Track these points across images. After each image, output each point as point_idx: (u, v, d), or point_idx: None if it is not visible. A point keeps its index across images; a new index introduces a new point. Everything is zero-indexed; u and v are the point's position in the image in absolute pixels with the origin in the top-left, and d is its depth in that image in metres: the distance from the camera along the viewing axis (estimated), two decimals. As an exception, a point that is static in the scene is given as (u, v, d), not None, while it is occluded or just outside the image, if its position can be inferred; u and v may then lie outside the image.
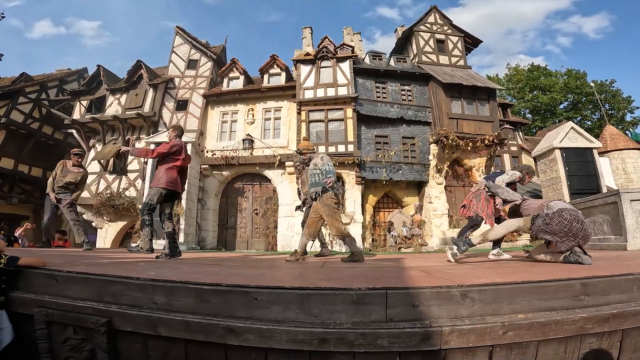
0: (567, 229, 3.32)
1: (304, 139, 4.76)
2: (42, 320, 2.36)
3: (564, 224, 3.34)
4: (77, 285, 2.43)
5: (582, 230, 3.30)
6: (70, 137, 15.27)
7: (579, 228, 3.30)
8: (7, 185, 14.79)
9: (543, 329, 1.91)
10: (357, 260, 4.33)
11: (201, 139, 13.65)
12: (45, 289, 2.52)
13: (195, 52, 15.48)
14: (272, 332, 1.87)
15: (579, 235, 3.31)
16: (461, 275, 2.64)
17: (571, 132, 9.75)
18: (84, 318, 2.24)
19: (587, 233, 3.32)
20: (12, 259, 2.60)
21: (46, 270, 2.60)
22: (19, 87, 14.71)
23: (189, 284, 2.18)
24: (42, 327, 2.37)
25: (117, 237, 13.22)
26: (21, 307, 2.51)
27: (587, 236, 3.32)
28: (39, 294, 2.51)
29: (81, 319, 2.26)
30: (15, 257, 2.64)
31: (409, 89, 13.87)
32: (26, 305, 2.49)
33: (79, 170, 6.41)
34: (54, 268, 2.63)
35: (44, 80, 16.03)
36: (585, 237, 3.31)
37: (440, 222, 12.16)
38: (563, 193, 9.12)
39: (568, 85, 30.45)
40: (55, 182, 6.18)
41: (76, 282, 2.44)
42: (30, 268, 2.66)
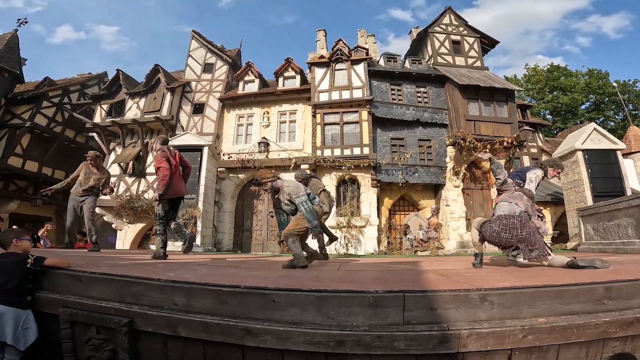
0: (496, 240, 3.51)
1: (259, 168, 4.21)
2: (66, 320, 2.42)
3: (493, 235, 3.52)
4: (100, 285, 2.48)
5: (513, 239, 3.41)
6: (92, 140, 15.68)
7: (507, 238, 3.42)
8: (31, 187, 15.27)
9: (564, 332, 1.89)
10: (296, 265, 3.87)
11: (217, 142, 13.82)
12: (70, 289, 2.58)
13: (210, 55, 15.70)
14: (290, 334, 1.88)
15: (511, 244, 3.49)
16: (479, 278, 2.62)
17: (594, 133, 9.49)
18: (107, 318, 2.29)
19: (521, 239, 3.38)
20: (38, 259, 2.67)
21: (71, 271, 2.66)
22: (43, 92, 15.15)
23: (208, 286, 2.20)
24: (66, 327, 2.43)
25: (136, 238, 13.47)
26: (47, 307, 2.58)
27: (524, 240, 3.37)
28: (64, 294, 2.57)
29: (104, 319, 2.30)
30: (41, 257, 2.71)
31: (425, 91, 13.74)
32: (51, 305, 2.55)
33: (100, 173, 6.44)
34: (78, 269, 2.69)
35: (66, 85, 16.50)
36: (521, 242, 3.38)
37: (457, 225, 11.97)
38: (586, 196, 8.88)
39: (590, 86, 29.64)
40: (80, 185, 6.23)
41: (99, 283, 2.49)
42: (55, 268, 2.73)
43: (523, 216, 3.49)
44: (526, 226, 3.41)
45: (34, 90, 15.55)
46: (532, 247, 3.34)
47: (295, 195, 4.03)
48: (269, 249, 12.64)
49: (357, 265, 4.57)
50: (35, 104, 14.58)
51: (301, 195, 4.00)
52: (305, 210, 3.92)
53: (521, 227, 3.40)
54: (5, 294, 2.51)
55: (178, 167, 5.18)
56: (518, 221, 3.43)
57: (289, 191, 4.10)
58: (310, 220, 3.91)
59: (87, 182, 6.22)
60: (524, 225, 3.41)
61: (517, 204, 3.60)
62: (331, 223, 11.95)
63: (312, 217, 3.93)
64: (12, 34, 15.05)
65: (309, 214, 3.91)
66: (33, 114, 14.39)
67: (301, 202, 3.96)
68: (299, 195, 4.01)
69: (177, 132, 13.66)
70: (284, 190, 4.15)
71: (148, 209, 12.36)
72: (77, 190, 6.20)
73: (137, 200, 12.80)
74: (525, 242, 3.37)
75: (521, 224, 3.42)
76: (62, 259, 2.86)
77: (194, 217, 10.37)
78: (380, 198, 12.73)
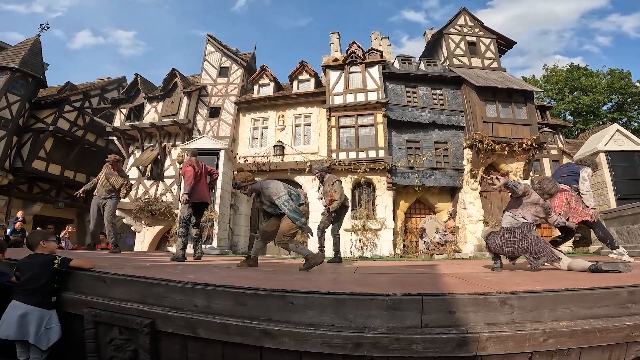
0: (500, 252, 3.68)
1: (239, 170, 4.24)
2: (90, 321, 2.48)
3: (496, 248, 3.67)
4: (123, 287, 2.54)
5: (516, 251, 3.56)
6: (112, 144, 16.05)
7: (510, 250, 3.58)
8: (54, 190, 15.71)
9: (587, 336, 1.88)
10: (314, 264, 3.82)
11: (233, 145, 13.96)
12: (94, 290, 2.64)
13: (226, 59, 15.90)
14: (307, 336, 1.90)
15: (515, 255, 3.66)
16: (499, 282, 2.60)
17: (617, 134, 9.25)
18: (129, 319, 2.34)
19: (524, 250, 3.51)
20: (64, 260, 2.74)
21: (96, 273, 2.72)
22: (65, 96, 15.60)
23: (227, 288, 2.23)
24: (90, 327, 2.49)
25: (154, 240, 13.71)
26: (71, 307, 2.65)
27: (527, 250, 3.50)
28: (89, 295, 2.64)
29: (126, 319, 2.36)
30: (67, 258, 2.78)
31: (441, 93, 13.61)
32: (76, 306, 2.62)
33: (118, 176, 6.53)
34: (102, 270, 2.75)
35: (87, 89, 16.94)
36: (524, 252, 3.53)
37: (475, 228, 11.78)
38: (609, 199, 8.65)
39: (612, 86, 28.82)
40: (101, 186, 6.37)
41: (123, 284, 2.55)
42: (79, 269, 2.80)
43: (525, 227, 3.53)
44: (527, 237, 3.49)
45: (57, 94, 16.03)
46: (537, 256, 3.45)
47: (275, 196, 3.85)
48: (283, 251, 12.67)
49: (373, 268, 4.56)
50: (57, 109, 15.00)
51: (281, 196, 3.83)
52: (288, 210, 3.76)
53: (522, 239, 3.50)
54: (31, 294, 2.58)
55: (203, 175, 5.69)
56: (519, 233, 3.52)
57: (268, 193, 3.92)
58: (296, 219, 3.76)
59: (107, 184, 6.36)
60: (525, 237, 3.49)
61: (524, 215, 3.61)
62: (346, 226, 11.93)
63: (296, 215, 3.77)
64: (34, 39, 15.54)
65: (292, 213, 3.76)
66: (56, 118, 14.81)
67: (282, 203, 3.79)
68: (279, 195, 3.83)
69: (194, 135, 13.87)
70: (264, 193, 3.97)
71: (166, 211, 12.57)
72: (99, 191, 6.35)
73: (155, 203, 13.03)
74: (528, 252, 3.48)
75: (522, 235, 3.50)
76: (87, 260, 2.92)
77: (211, 220, 10.50)
78: (395, 201, 12.63)
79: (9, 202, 14.09)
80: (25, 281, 2.63)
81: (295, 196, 4.02)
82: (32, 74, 14.44)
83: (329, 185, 6.14)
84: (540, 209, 3.66)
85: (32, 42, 15.28)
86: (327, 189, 6.18)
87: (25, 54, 14.59)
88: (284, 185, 4.03)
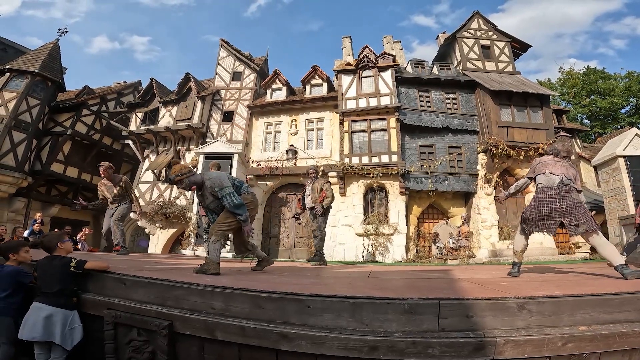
0: (537, 217, 3.35)
1: (173, 163, 3.92)
2: (110, 322, 2.53)
3: (533, 212, 3.39)
4: (143, 289, 2.58)
5: (553, 212, 3.24)
6: (127, 147, 16.34)
7: (547, 212, 3.26)
8: (71, 192, 16.04)
9: (606, 341, 1.89)
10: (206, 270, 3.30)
11: (246, 149, 14.06)
12: (115, 292, 2.69)
13: (239, 64, 16.05)
14: (324, 339, 1.92)
15: (553, 219, 3.28)
16: (516, 287, 2.60)
17: (636, 138, 9.09)
18: (148, 321, 2.38)
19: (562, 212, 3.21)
20: (80, 262, 2.80)
21: (116, 275, 2.77)
22: (83, 100, 15.93)
23: (245, 291, 2.26)
24: (109, 329, 2.54)
25: (168, 243, 13.86)
26: (92, 308, 2.70)
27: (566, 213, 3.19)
28: (109, 296, 2.69)
29: (145, 321, 2.40)
30: (83, 260, 2.84)
31: (454, 97, 13.50)
32: (96, 307, 2.67)
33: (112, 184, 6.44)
34: (122, 272, 2.80)
35: (104, 93, 17.27)
36: (563, 216, 3.21)
37: (489, 233, 11.63)
38: (628, 204, 8.50)
39: (630, 89, 28.16)
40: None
41: (142, 286, 2.59)
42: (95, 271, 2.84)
43: (562, 188, 3.25)
44: (566, 198, 3.18)
45: (75, 98, 16.39)
46: (577, 222, 3.11)
47: (218, 188, 3.49)
48: (296, 255, 12.70)
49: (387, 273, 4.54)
50: (75, 112, 15.30)
51: (225, 187, 3.49)
52: (230, 205, 3.44)
53: (560, 200, 3.19)
54: (55, 296, 2.64)
55: None
56: (557, 193, 3.23)
57: (210, 184, 3.55)
58: (239, 213, 3.47)
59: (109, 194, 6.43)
60: (563, 198, 3.19)
61: (554, 172, 3.34)
62: (359, 230, 11.90)
63: (239, 210, 3.46)
64: (54, 43, 15.91)
65: (234, 208, 3.45)
66: (74, 122, 15.12)
67: (225, 195, 3.45)
68: (223, 187, 3.48)
69: (208, 139, 14.02)
70: (206, 185, 3.59)
71: (180, 214, 12.71)
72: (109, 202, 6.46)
73: (170, 206, 13.18)
74: (568, 217, 3.15)
75: (560, 196, 3.21)
76: (102, 262, 2.97)
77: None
78: (408, 206, 12.55)
79: (28, 204, 14.43)
80: (46, 283, 2.69)
81: (244, 187, 3.82)
82: (52, 78, 14.78)
83: (319, 184, 6.40)
84: (572, 173, 3.39)
85: (51, 47, 15.66)
86: (316, 187, 6.40)
87: (45, 58, 14.95)
88: (230, 176, 3.74)
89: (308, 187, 6.62)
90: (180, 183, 3.56)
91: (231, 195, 3.46)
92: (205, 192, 3.62)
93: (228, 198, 3.44)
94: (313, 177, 6.63)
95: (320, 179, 6.58)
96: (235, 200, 3.47)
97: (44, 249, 3.00)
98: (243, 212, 3.50)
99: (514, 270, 3.62)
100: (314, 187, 6.45)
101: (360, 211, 12.33)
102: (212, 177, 3.56)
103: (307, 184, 6.69)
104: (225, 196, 3.45)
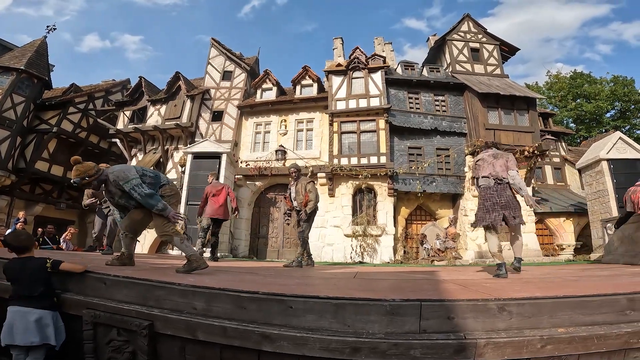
0: (484, 212, 3.94)
1: (74, 162, 3.35)
2: (89, 322, 2.50)
3: (480, 210, 4.02)
4: (124, 289, 2.55)
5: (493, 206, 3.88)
6: (114, 146, 16.13)
7: (490, 206, 3.89)
8: (56, 191, 15.77)
9: (585, 342, 1.91)
10: (195, 267, 3.25)
11: (235, 149, 13.99)
12: (95, 291, 2.66)
13: (229, 63, 15.97)
14: (306, 340, 1.91)
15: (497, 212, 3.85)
16: (498, 289, 2.62)
17: (619, 142, 9.26)
18: (129, 320, 2.36)
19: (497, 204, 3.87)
20: (55, 262, 2.74)
21: (96, 274, 2.73)
22: (70, 98, 15.69)
23: (227, 291, 2.24)
24: (89, 328, 2.51)
25: (154, 243, 13.69)
26: (71, 308, 2.66)
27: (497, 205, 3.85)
28: (89, 296, 2.65)
29: (126, 321, 2.37)
30: (58, 261, 2.77)
31: (443, 99, 13.63)
32: (76, 307, 2.63)
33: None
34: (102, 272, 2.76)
35: (91, 91, 17.03)
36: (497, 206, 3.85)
37: (476, 235, 11.74)
38: (611, 207, 8.65)
39: (615, 93, 28.74)
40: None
41: (123, 286, 2.56)
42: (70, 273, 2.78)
43: (498, 186, 3.91)
44: (503, 195, 3.85)
45: (61, 96, 16.15)
46: (514, 215, 3.79)
47: (123, 181, 3.25)
48: (284, 256, 12.66)
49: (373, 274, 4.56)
50: (62, 110, 15.09)
51: (132, 179, 3.25)
52: (140, 197, 3.21)
53: (499, 196, 3.86)
54: (39, 298, 2.58)
55: (216, 195, 6.71)
56: (494, 190, 3.90)
57: (114, 177, 3.30)
58: (152, 204, 3.22)
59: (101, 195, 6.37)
60: (500, 195, 3.87)
61: (490, 174, 3.98)
62: (347, 232, 11.93)
63: (152, 200, 3.22)
64: (41, 40, 15.65)
65: (145, 199, 3.21)
66: (60, 120, 14.90)
67: (132, 188, 3.22)
68: (129, 179, 3.25)
69: (197, 139, 13.89)
70: (110, 180, 3.34)
71: (167, 214, 12.54)
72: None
73: (157, 205, 13.01)
74: (508, 209, 3.80)
75: (498, 193, 3.88)
76: (78, 265, 2.85)
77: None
78: (397, 207, 12.63)
79: (10, 203, 14.14)
80: (25, 286, 2.62)
81: (153, 177, 3.51)
82: (38, 75, 14.54)
83: (303, 185, 6.03)
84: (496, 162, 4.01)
85: (38, 44, 15.41)
86: (299, 189, 6.03)
87: (32, 55, 14.70)
88: (137, 168, 3.49)
89: (292, 188, 6.23)
90: (89, 186, 3.32)
91: (139, 187, 3.23)
92: (111, 187, 3.37)
93: (137, 190, 3.21)
94: (295, 176, 6.19)
95: (303, 179, 6.17)
96: (145, 190, 3.23)
97: (17, 249, 2.80)
98: (156, 201, 3.24)
99: (502, 272, 3.65)
100: (298, 189, 6.06)
101: (349, 212, 12.37)
102: (116, 169, 3.34)
103: (291, 185, 6.30)
104: (132, 189, 3.21)
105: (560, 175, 16.87)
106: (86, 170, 3.25)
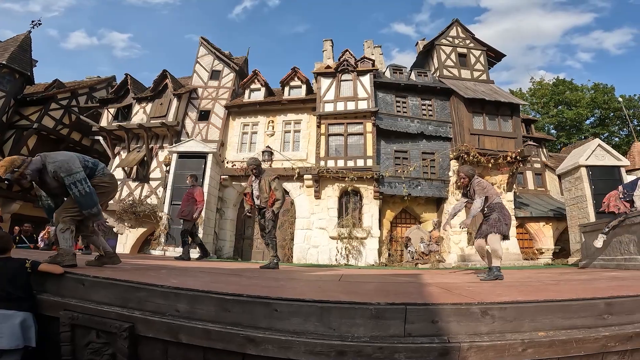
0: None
1: None
2: (67, 323, 2.44)
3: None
4: (103, 290, 2.51)
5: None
6: (97, 143, 15.79)
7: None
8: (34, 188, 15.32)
9: (564, 346, 1.94)
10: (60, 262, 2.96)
11: (222, 149, 13.87)
12: (73, 292, 2.60)
13: (218, 63, 15.83)
14: (291, 343, 1.91)
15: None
16: (481, 292, 2.66)
17: (598, 149, 9.51)
18: (108, 322, 2.32)
19: None
20: (35, 263, 2.69)
21: (74, 275, 2.68)
22: (52, 94, 15.29)
23: (211, 293, 2.22)
24: (66, 330, 2.45)
25: (137, 243, 13.47)
26: (48, 309, 2.60)
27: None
28: (66, 297, 2.60)
29: (105, 323, 2.33)
30: (37, 262, 2.72)
31: (430, 104, 13.79)
32: (52, 308, 2.57)
33: None
34: (80, 272, 2.71)
35: (75, 88, 16.63)
36: None
37: (459, 238, 11.93)
38: (589, 212, 8.87)
39: (595, 100, 29.56)
40: None
41: (103, 287, 2.52)
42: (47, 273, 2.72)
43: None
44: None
45: (43, 92, 15.72)
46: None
47: (65, 173, 2.98)
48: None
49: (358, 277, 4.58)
50: (43, 106, 14.72)
51: (74, 173, 3.00)
52: (79, 194, 2.98)
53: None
54: (20, 300, 2.53)
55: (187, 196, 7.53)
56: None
57: (54, 168, 3.00)
58: (87, 205, 3.00)
59: None
60: None
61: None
62: (332, 234, 11.95)
63: (90, 202, 3.00)
64: (25, 35, 15.25)
65: (83, 197, 2.98)
66: (41, 116, 14.53)
67: (73, 183, 2.97)
68: (72, 172, 2.99)
69: (182, 138, 13.73)
70: (48, 169, 3.04)
71: (150, 214, 12.38)
72: None
73: (140, 205, 12.82)
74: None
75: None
76: (57, 267, 2.79)
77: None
78: (382, 210, 12.71)
79: (-13, 200, 13.71)
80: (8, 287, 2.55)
81: (92, 168, 3.27)
82: (20, 70, 14.17)
83: (267, 181, 5.56)
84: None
85: (22, 39, 15.02)
86: (263, 186, 5.58)
87: (15, 50, 14.32)
88: (80, 157, 3.22)
89: (254, 185, 5.73)
90: (22, 178, 2.99)
91: (81, 183, 2.99)
92: (47, 177, 3.07)
93: (78, 187, 2.97)
94: (255, 172, 5.68)
95: (266, 175, 5.64)
96: (86, 189, 3.00)
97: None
98: (92, 205, 3.03)
99: (500, 273, 4.11)
100: (261, 186, 5.59)
101: (334, 214, 12.39)
102: (58, 160, 3.04)
103: (252, 181, 5.78)
104: (73, 184, 2.96)
105: (540, 181, 17.24)
106: (12, 163, 2.94)
